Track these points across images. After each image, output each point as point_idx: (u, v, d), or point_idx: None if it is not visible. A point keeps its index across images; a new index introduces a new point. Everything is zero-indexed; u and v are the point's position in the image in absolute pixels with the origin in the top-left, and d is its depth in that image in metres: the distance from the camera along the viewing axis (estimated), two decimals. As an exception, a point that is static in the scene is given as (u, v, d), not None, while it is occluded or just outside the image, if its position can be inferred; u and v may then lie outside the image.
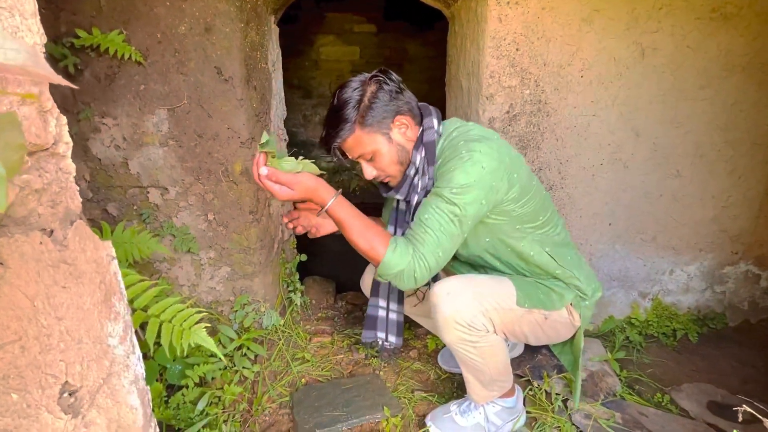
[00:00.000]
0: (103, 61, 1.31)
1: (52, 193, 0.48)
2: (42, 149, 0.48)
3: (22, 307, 0.40)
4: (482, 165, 0.93)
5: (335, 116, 1.00)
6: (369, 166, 1.07)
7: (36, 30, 0.46)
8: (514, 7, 1.34)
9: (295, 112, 4.24)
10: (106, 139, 1.39)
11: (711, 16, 1.42)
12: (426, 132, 1.04)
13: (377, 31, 4.17)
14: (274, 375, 1.47)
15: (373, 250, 0.96)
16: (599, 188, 1.58)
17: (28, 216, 0.46)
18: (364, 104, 0.99)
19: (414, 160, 1.05)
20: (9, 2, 0.43)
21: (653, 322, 1.73)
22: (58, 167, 0.50)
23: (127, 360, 0.56)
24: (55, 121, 0.50)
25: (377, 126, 1.00)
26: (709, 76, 1.49)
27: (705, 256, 1.71)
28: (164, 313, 0.81)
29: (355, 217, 0.98)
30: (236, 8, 1.30)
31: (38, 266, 0.43)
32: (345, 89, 1.01)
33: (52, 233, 0.47)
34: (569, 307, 1.10)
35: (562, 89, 1.45)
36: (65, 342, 0.46)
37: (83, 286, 0.49)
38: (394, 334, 1.31)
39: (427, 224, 0.95)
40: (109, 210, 1.47)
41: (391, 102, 1.00)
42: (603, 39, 1.41)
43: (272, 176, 0.91)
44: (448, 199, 0.94)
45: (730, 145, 1.57)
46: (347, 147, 1.03)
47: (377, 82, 1.00)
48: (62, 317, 0.46)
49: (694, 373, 1.52)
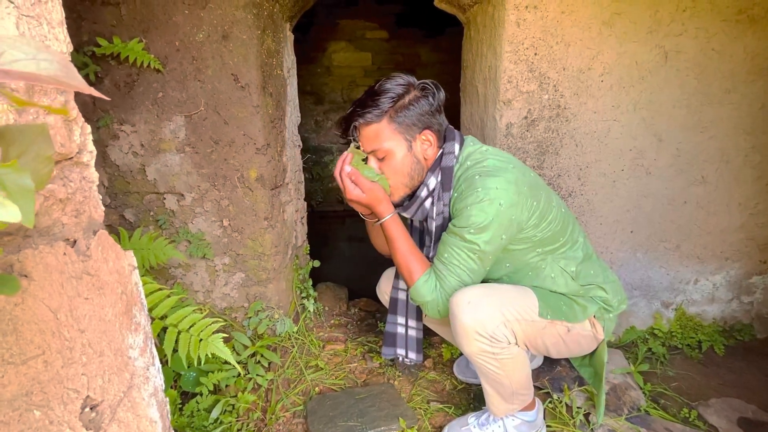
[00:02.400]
0: (123, 69, 1.32)
1: (76, 202, 0.48)
2: (66, 158, 0.48)
3: (45, 320, 0.39)
4: (500, 202, 0.92)
5: (369, 99, 0.99)
6: (376, 165, 1.05)
7: (63, 39, 0.46)
8: (532, 12, 1.32)
9: (307, 118, 4.27)
10: (124, 145, 1.40)
11: (737, 18, 1.37)
12: (446, 156, 1.03)
13: (389, 37, 4.18)
14: (287, 383, 1.45)
15: (409, 273, 1.04)
16: (620, 195, 1.54)
17: (52, 226, 0.45)
18: (402, 102, 0.98)
19: (428, 182, 1.04)
20: (37, 11, 0.43)
21: (677, 333, 1.67)
22: (82, 176, 0.50)
23: (146, 372, 0.55)
24: (79, 130, 0.49)
25: (404, 128, 0.99)
26: (735, 79, 1.44)
27: (731, 265, 1.65)
28: (182, 323, 0.80)
29: (404, 238, 1.05)
30: (253, 16, 1.31)
31: (62, 278, 0.42)
32: (390, 81, 1.00)
33: (75, 243, 0.46)
34: (592, 320, 1.07)
35: (582, 94, 1.42)
36: (87, 355, 0.45)
37: (105, 297, 0.49)
38: (414, 350, 1.31)
39: (448, 263, 0.99)
40: (126, 216, 1.48)
41: (427, 114, 1.00)
42: (624, 42, 1.37)
43: (353, 175, 1.00)
44: (466, 239, 0.95)
45: (758, 151, 1.52)
46: (366, 134, 1.01)
47: (423, 89, 1.00)
48: (84, 329, 0.45)
49: (722, 387, 1.46)
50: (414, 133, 1.00)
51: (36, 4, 0.42)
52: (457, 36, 1.84)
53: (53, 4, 0.44)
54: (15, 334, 0.36)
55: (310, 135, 4.37)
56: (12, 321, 0.36)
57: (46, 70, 0.24)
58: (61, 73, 0.25)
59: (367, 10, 4.02)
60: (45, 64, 0.24)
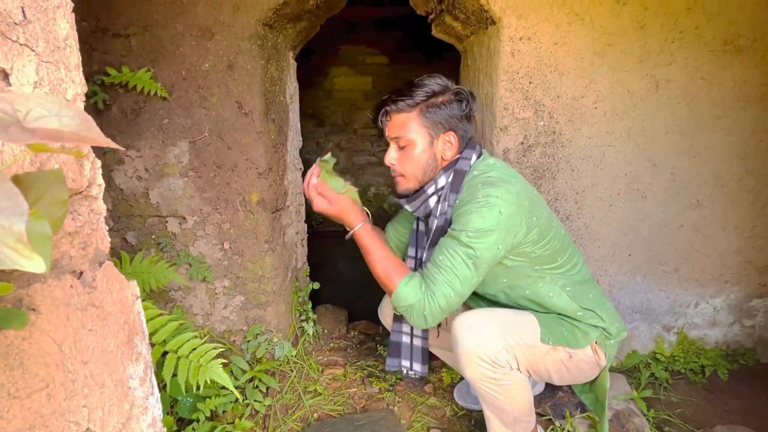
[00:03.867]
0: (130, 97, 1.37)
1: (84, 235, 0.49)
2: (77, 192, 0.50)
3: (50, 353, 0.40)
4: (500, 210, 0.93)
5: (406, 89, 1.02)
6: (395, 152, 1.07)
7: (78, 81, 0.48)
8: (526, 42, 1.38)
9: (308, 140, 4.34)
10: (129, 170, 1.43)
11: (723, 48, 1.43)
12: (461, 161, 1.05)
13: (389, 62, 4.30)
14: (285, 408, 1.43)
15: (388, 279, 1.02)
16: (617, 218, 1.56)
17: (60, 259, 0.47)
18: (435, 100, 1.01)
19: (437, 179, 1.05)
20: (56, 57, 0.45)
21: (679, 357, 1.66)
22: (90, 209, 0.51)
23: (146, 402, 0.56)
24: (90, 165, 0.51)
25: (431, 124, 1.02)
26: (725, 106, 1.48)
27: (731, 288, 1.65)
28: (181, 348, 0.81)
29: (377, 246, 1.04)
30: (258, 46, 1.36)
31: (68, 310, 0.43)
32: (430, 78, 1.03)
33: (81, 275, 0.48)
34: (594, 346, 1.06)
35: (576, 120, 1.46)
36: (89, 387, 0.45)
37: (108, 328, 0.50)
38: (419, 361, 1.25)
39: (441, 265, 0.96)
40: (128, 239, 1.49)
41: (455, 118, 1.03)
42: (616, 72, 1.42)
43: (319, 187, 1.04)
44: (463, 242, 0.94)
45: (752, 175, 1.55)
46: (394, 121, 1.04)
47: (458, 95, 1.03)
48: (87, 361, 0.46)
49: (727, 414, 1.43)
50: (439, 132, 1.03)
51: (55, 51, 0.45)
52: (455, 60, 1.90)
53: (71, 50, 0.47)
54: (21, 368, 0.36)
55: (312, 156, 4.42)
56: (19, 355, 0.37)
57: (68, 126, 0.26)
58: (82, 127, 0.27)
59: (368, 37, 4.15)
60: (66, 120, 0.26)
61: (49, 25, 0.44)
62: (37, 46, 0.42)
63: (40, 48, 0.43)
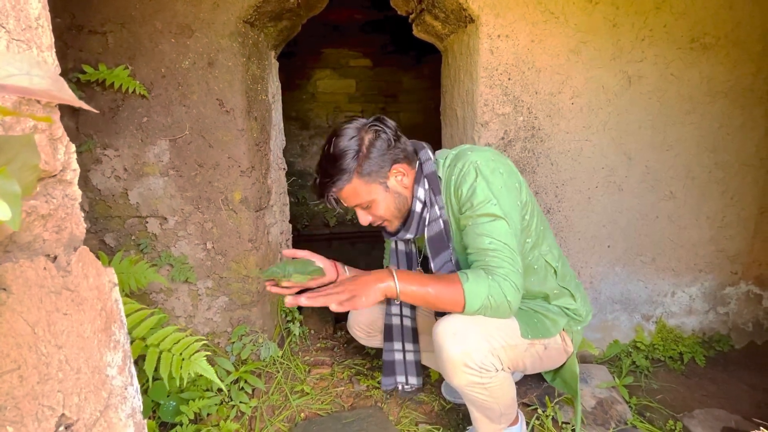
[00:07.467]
0: (108, 95, 1.34)
1: (57, 218, 0.48)
2: (50, 176, 0.49)
3: (22, 334, 0.39)
4: (500, 171, 0.96)
5: (332, 165, 0.98)
6: (365, 214, 1.06)
7: (51, 62, 0.48)
8: (504, 40, 1.41)
9: (292, 143, 4.32)
10: (107, 170, 1.40)
11: (691, 46, 1.49)
12: (425, 165, 1.05)
13: (372, 65, 4.33)
14: (272, 409, 1.41)
15: (452, 293, 0.90)
16: (596, 211, 1.60)
17: (33, 241, 0.45)
18: (362, 154, 0.97)
19: (418, 195, 1.04)
20: (27, 36, 0.45)
21: (659, 345, 1.70)
22: (64, 193, 0.50)
23: (125, 392, 0.54)
24: (63, 148, 0.50)
25: (375, 176, 0.99)
26: (694, 101, 1.54)
27: (705, 277, 1.71)
28: (163, 342, 0.79)
29: (420, 281, 0.92)
30: (239, 44, 1.36)
31: (41, 292, 0.42)
32: (342, 137, 0.98)
33: (55, 259, 0.47)
34: (562, 333, 1.09)
35: (554, 116, 1.49)
36: (64, 371, 0.44)
37: (84, 314, 0.48)
38: (414, 374, 1.24)
39: (489, 249, 0.91)
40: (107, 240, 1.46)
41: (388, 151, 0.99)
42: (591, 68, 1.47)
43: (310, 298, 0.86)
44: (483, 213, 0.93)
45: (721, 167, 1.61)
46: (343, 196, 1.02)
47: (374, 131, 0.99)
48: (62, 345, 0.44)
49: (705, 398, 1.48)
50: (385, 173, 1.00)
51: (26, 29, 0.44)
52: (437, 63, 1.93)
53: (43, 30, 0.46)
54: (-9, 347, 0.35)
55: (296, 159, 4.41)
56: (-11, 334, 0.35)
57: (39, 85, 0.26)
58: (53, 87, 0.26)
59: (351, 40, 4.17)
60: (37, 80, 0.26)
61: (20, 3, 0.43)
62: (7, 23, 0.42)
63: (11, 25, 0.42)
